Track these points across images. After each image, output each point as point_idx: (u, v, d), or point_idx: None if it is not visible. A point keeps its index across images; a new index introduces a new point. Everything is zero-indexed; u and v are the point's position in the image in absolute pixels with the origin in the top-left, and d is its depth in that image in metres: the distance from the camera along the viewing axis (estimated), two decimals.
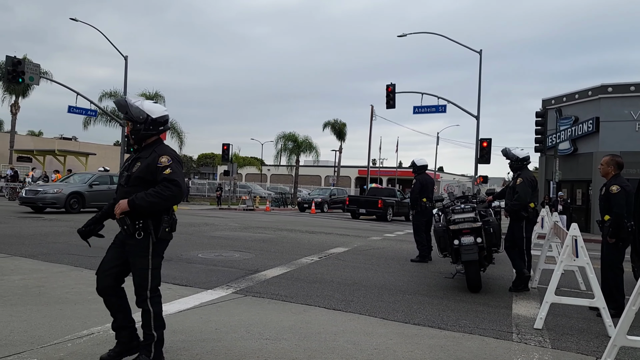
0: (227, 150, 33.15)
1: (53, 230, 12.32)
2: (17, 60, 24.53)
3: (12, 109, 38.63)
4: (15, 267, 7.24)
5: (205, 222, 17.37)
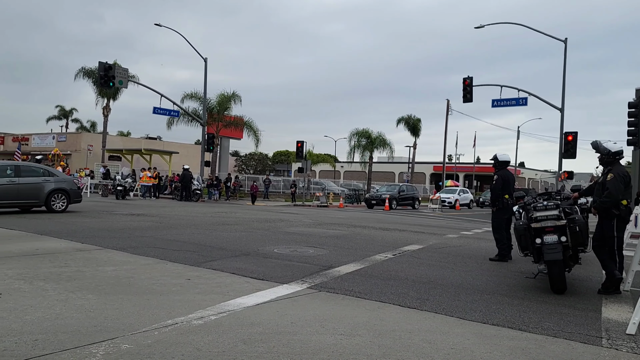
0: (301, 148, 33.65)
1: (140, 225, 13.10)
2: (108, 65, 26.29)
3: (104, 111, 41.50)
4: (108, 258, 7.78)
5: (280, 219, 17.76)
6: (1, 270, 6.42)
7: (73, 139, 47.40)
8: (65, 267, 6.90)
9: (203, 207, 23.37)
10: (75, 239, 9.72)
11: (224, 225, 14.16)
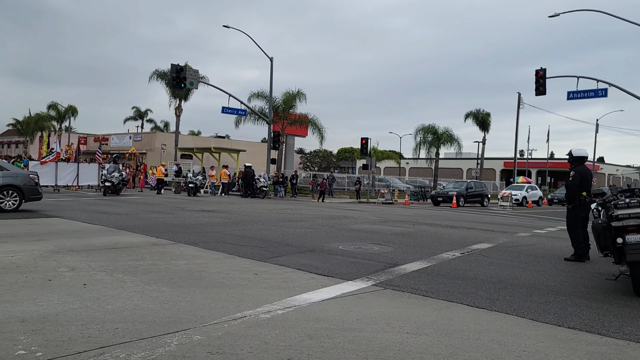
0: (365, 145, 33.53)
1: (211, 220, 13.57)
2: (179, 67, 27.38)
3: (176, 111, 43.30)
4: (181, 253, 8.12)
5: (345, 215, 17.79)
6: (86, 263, 6.87)
7: (148, 139, 49.82)
8: (142, 260, 7.27)
9: (269, 203, 23.86)
10: (151, 233, 10.22)
11: (290, 221, 14.38)
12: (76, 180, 27.45)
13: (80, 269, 6.46)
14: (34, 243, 8.42)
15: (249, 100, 36.52)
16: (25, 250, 7.67)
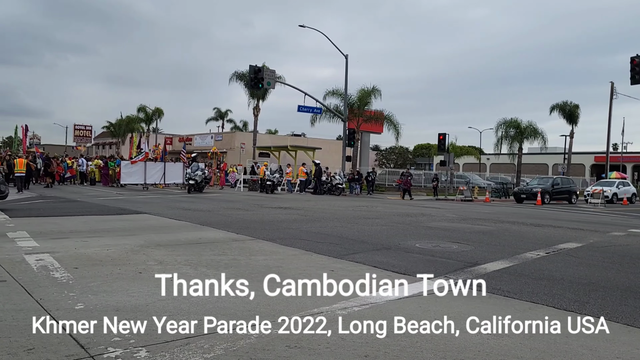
0: (443, 140, 32.74)
1: (288, 217, 13.85)
2: (257, 68, 28.14)
3: (254, 111, 44.60)
4: (260, 248, 8.36)
5: (422, 213, 17.48)
6: (172, 257, 7.25)
7: (228, 138, 51.69)
8: (223, 255, 7.57)
9: (345, 201, 23.95)
10: (231, 229, 10.60)
11: (365, 219, 14.36)
12: (163, 178, 29.00)
13: (167, 262, 6.83)
14: (126, 238, 9.01)
15: (324, 98, 36.82)
16: (119, 244, 8.23)
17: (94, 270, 6.16)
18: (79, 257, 7.02)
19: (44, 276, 5.78)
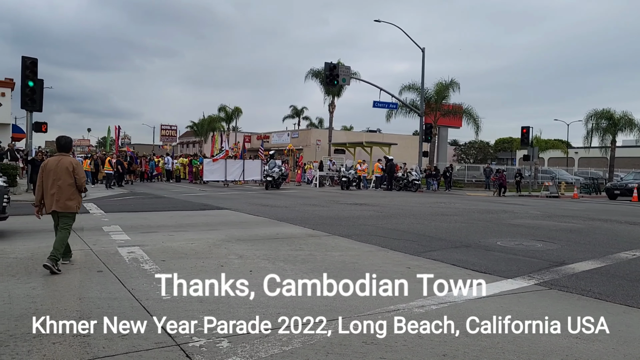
0: (526, 134, 31.22)
1: (363, 214, 13.83)
2: (332, 65, 28.28)
3: (330, 108, 44.88)
4: (335, 244, 8.42)
5: (504, 209, 16.79)
6: (251, 251, 7.48)
7: (304, 135, 52.40)
8: (300, 250, 7.69)
9: (421, 197, 23.53)
10: (308, 225, 10.75)
11: (443, 215, 14.02)
12: (242, 175, 29.96)
13: (246, 256, 7.06)
14: (208, 232, 9.41)
15: (400, 93, 36.31)
16: (202, 238, 8.61)
17: (180, 263, 6.49)
18: (165, 250, 7.43)
19: (134, 267, 6.17)
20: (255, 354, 3.49)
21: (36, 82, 17.26)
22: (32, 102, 17.28)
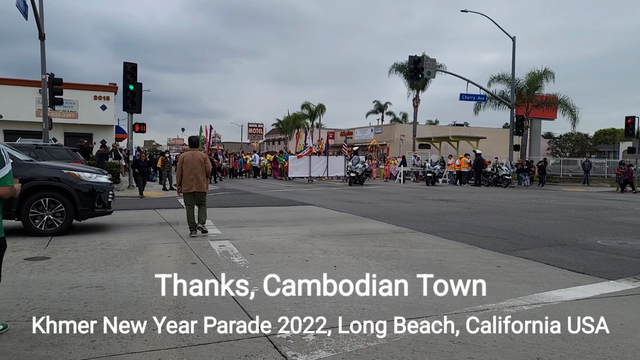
0: (631, 124, 28.80)
1: (449, 210, 13.46)
2: (417, 58, 27.77)
3: (414, 102, 44.11)
4: (420, 241, 8.27)
5: (605, 206, 15.61)
6: (335, 247, 7.55)
7: (388, 130, 51.96)
8: (384, 247, 7.65)
9: (512, 193, 22.46)
10: (392, 221, 10.66)
11: (536, 212, 13.30)
12: (326, 171, 30.28)
13: (331, 252, 7.13)
14: (293, 227, 9.62)
15: (489, 84, 34.86)
16: (287, 233, 8.82)
17: (267, 257, 6.70)
18: (253, 244, 7.69)
19: (225, 260, 6.46)
20: (340, 348, 3.52)
21: (136, 85, 18.52)
22: (132, 105, 18.57)
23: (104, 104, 31.20)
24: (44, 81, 17.92)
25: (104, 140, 24.70)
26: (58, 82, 18.33)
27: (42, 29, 17.49)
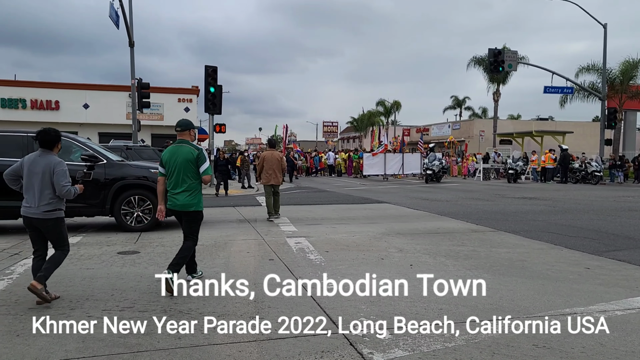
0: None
1: (533, 208, 12.84)
2: (497, 51, 26.75)
3: (494, 96, 42.47)
4: (501, 241, 7.96)
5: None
6: (411, 245, 7.44)
7: (466, 126, 50.39)
8: (462, 246, 7.43)
9: (603, 190, 21.01)
10: (470, 220, 10.33)
11: (631, 211, 12.36)
12: (401, 169, 29.90)
13: (406, 250, 7.04)
14: (368, 225, 9.60)
15: (576, 75, 32.79)
16: (362, 231, 8.81)
17: (342, 254, 6.73)
18: (329, 241, 7.76)
19: (301, 257, 6.57)
20: (417, 348, 3.47)
21: (216, 87, 19.25)
22: (213, 106, 19.33)
23: (187, 106, 32.79)
24: (133, 86, 19.12)
25: None
26: (146, 87, 19.46)
27: (131, 37, 18.66)
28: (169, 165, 5.15)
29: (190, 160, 5.09)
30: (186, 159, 5.09)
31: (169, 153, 5.18)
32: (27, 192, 4.51)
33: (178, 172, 5.10)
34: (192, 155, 5.10)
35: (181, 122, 5.31)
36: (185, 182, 5.09)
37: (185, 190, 5.08)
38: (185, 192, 5.08)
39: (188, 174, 5.10)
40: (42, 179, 4.45)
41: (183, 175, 5.08)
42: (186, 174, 5.09)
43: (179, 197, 5.09)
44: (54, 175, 4.44)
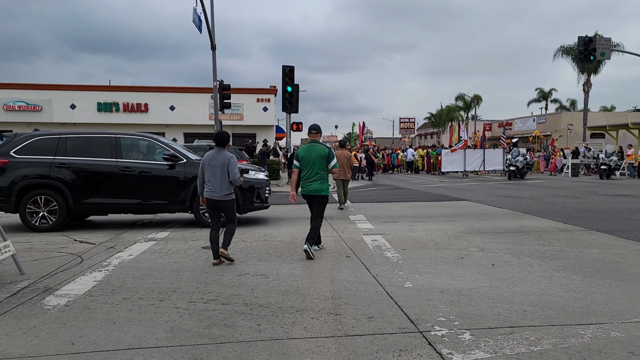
0: None
1: (629, 206, 11.94)
2: (588, 39, 25.11)
3: (584, 87, 39.83)
4: (592, 240, 7.47)
5: None
6: (493, 244, 7.17)
7: (552, 120, 47.74)
8: (549, 245, 7.06)
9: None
10: (558, 218, 9.79)
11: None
12: (482, 165, 28.87)
13: (488, 249, 6.80)
14: (447, 223, 9.36)
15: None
16: (441, 229, 8.61)
17: (420, 253, 6.62)
18: (406, 239, 7.66)
19: (378, 255, 6.53)
20: (499, 350, 3.34)
21: (293, 87, 19.58)
22: (290, 105, 19.68)
23: (265, 105, 33.64)
24: (215, 88, 19.89)
25: (265, 139, 26.56)
26: (226, 88, 20.18)
27: (213, 40, 19.42)
28: (304, 160, 6.48)
29: (323, 156, 6.47)
30: (320, 155, 6.46)
31: (304, 151, 6.53)
32: (210, 181, 5.89)
33: (312, 165, 6.44)
34: (324, 152, 6.49)
35: (315, 126, 6.70)
36: (318, 173, 6.45)
37: (318, 179, 6.43)
38: (317, 180, 6.43)
39: (320, 166, 6.45)
40: (221, 170, 5.84)
41: (317, 168, 6.43)
42: (319, 167, 6.45)
43: (313, 184, 6.44)
44: (229, 166, 5.84)
